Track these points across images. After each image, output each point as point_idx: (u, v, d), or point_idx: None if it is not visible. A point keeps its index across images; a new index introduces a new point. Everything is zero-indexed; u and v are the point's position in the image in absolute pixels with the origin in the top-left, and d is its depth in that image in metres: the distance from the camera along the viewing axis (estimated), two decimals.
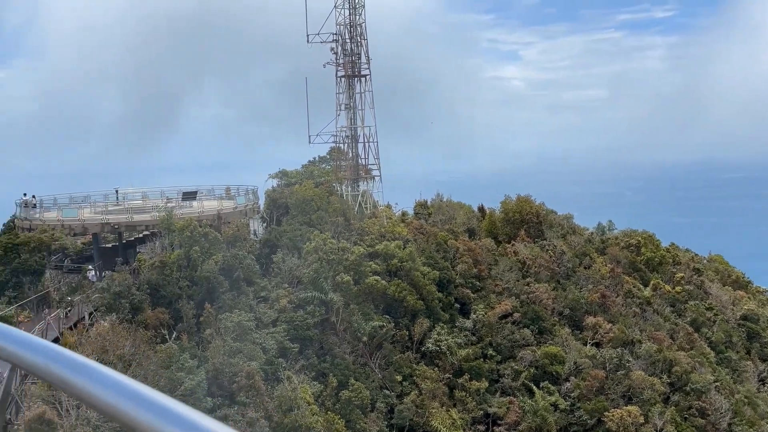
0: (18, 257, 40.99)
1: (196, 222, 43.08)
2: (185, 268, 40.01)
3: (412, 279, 48.61)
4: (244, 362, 31.28)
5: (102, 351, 23.56)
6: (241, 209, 52.44)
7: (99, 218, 47.78)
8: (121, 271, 38.32)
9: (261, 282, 44.31)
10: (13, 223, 53.64)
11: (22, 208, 51.07)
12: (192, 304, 37.09)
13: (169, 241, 43.81)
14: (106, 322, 36.04)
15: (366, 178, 63.64)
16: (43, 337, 31.84)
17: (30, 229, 48.22)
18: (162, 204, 51.54)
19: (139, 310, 34.62)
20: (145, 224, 47.93)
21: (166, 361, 26.39)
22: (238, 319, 34.59)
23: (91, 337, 26.46)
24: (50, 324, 32.70)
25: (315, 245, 45.68)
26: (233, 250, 44.30)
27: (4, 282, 40.23)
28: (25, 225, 49.46)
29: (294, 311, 41.90)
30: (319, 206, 53.06)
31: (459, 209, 67.67)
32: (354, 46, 60.43)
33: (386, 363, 44.07)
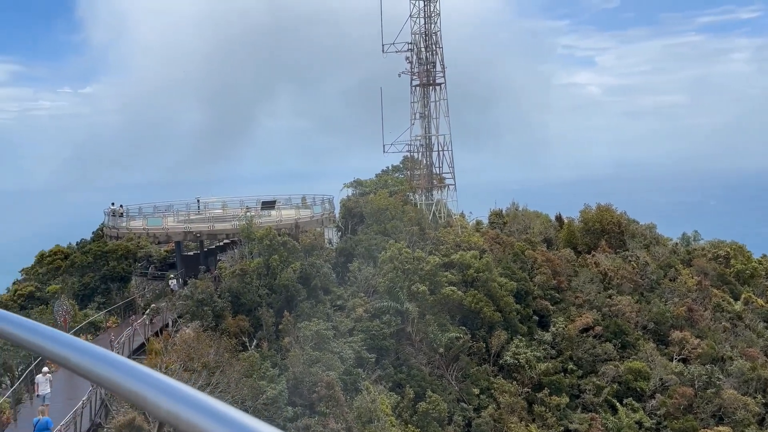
0: (107, 264, 42.66)
1: (275, 231, 43.66)
2: (264, 276, 40.56)
3: (488, 290, 47.66)
4: (323, 372, 31.26)
5: (188, 359, 24.00)
6: (317, 218, 52.91)
7: (182, 227, 49.23)
8: (203, 278, 39.22)
9: (337, 291, 44.46)
10: (102, 232, 56.06)
11: (110, 217, 53.27)
12: (271, 312, 37.51)
13: (249, 250, 44.58)
14: (189, 329, 36.95)
15: (439, 187, 63.12)
16: (130, 342, 32.92)
17: (117, 238, 50.22)
18: (241, 213, 52.70)
19: (221, 317, 35.27)
20: (225, 233, 49.04)
21: (249, 370, 26.66)
22: (316, 328, 34.69)
23: (176, 344, 27.05)
24: (137, 330, 33.77)
25: (390, 254, 45.47)
26: (310, 258, 44.63)
27: (94, 288, 41.92)
28: (113, 233, 51.55)
29: (370, 321, 41.77)
30: (394, 215, 52.90)
31: (535, 218, 66.15)
32: (429, 54, 60.18)
33: (463, 375, 43.27)
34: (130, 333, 32.81)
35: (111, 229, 52.01)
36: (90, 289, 41.70)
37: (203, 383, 22.97)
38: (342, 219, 57.32)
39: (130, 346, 32.34)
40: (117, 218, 52.63)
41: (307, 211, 53.43)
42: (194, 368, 23.79)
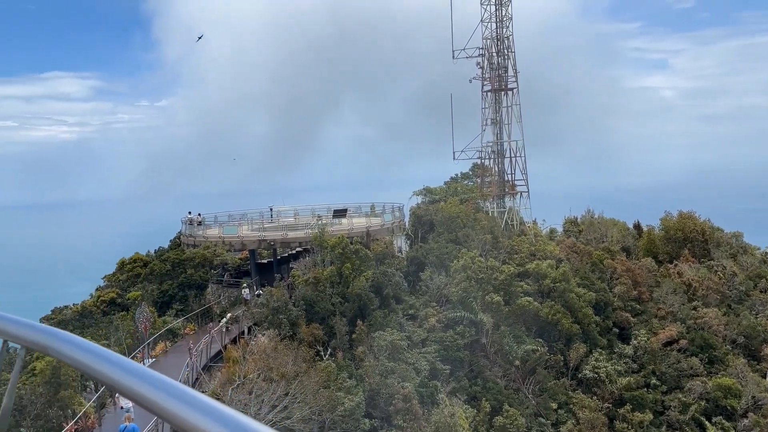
0: (184, 272, 43.56)
1: (347, 239, 43.54)
2: (337, 284, 40.43)
3: (566, 301, 46.04)
4: (398, 383, 30.71)
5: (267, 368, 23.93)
6: (387, 226, 52.59)
7: (256, 235, 49.90)
8: (278, 287, 39.43)
9: (409, 300, 43.88)
10: (179, 240, 57.50)
11: (187, 225, 54.57)
12: (344, 321, 37.27)
13: (321, 258, 44.63)
14: (264, 337, 37.17)
15: (511, 195, 61.72)
16: (208, 350, 33.30)
17: (194, 245, 51.32)
18: (313, 221, 53.00)
19: (296, 325, 35.28)
20: (298, 241, 49.35)
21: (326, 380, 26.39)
22: (390, 338, 34.19)
23: (254, 352, 27.09)
24: (214, 337, 34.19)
25: (463, 263, 44.56)
26: (382, 267, 44.28)
27: (172, 295, 42.86)
28: (190, 241, 52.74)
29: (443, 331, 40.97)
30: (465, 223, 51.95)
31: (612, 226, 63.74)
32: (501, 59, 59.05)
33: (540, 389, 41.82)
34: (208, 340, 33.21)
35: (188, 237, 53.24)
36: (168, 296, 42.65)
37: (281, 393, 22.85)
38: (412, 227, 56.79)
39: (207, 354, 32.73)
40: (194, 227, 53.84)
41: (377, 219, 53.20)
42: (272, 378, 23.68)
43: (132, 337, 35.66)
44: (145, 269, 56.37)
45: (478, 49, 59.60)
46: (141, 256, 60.29)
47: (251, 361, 24.65)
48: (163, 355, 33.61)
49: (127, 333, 35.70)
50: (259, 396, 22.60)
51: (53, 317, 55.95)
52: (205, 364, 32.00)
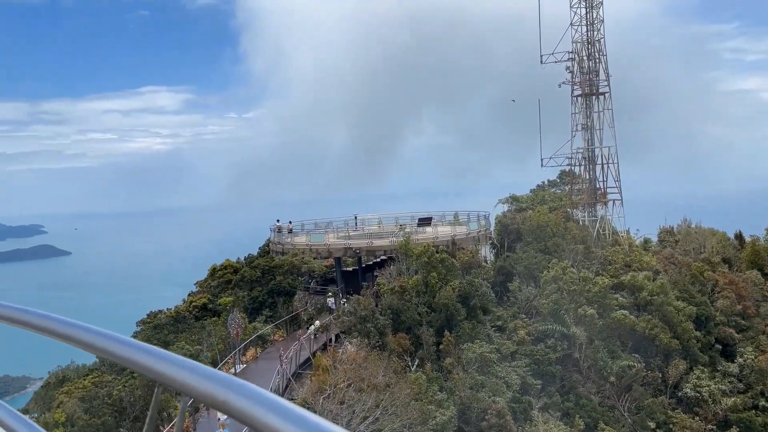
0: (273, 279, 44.25)
1: (433, 248, 42.99)
2: (423, 293, 39.93)
3: (664, 315, 43.64)
4: (490, 397, 29.82)
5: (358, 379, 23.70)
6: (473, 235, 51.64)
7: (342, 243, 50.15)
8: (366, 295, 39.35)
9: (497, 311, 42.80)
10: (268, 247, 58.69)
11: (276, 233, 55.60)
12: (431, 331, 36.71)
13: (406, 266, 44.28)
14: (351, 346, 37.12)
15: (603, 203, 59.38)
16: (297, 357, 33.50)
17: (282, 253, 52.18)
18: (397, 229, 52.78)
19: (383, 334, 35.01)
20: (383, 249, 49.19)
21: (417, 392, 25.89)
22: (480, 351, 33.33)
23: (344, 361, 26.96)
24: (303, 344, 34.42)
25: (554, 274, 43.08)
26: (468, 276, 43.45)
27: (262, 302, 43.62)
28: (278, 249, 53.68)
29: (533, 344, 39.67)
30: (555, 233, 50.31)
31: (710, 236, 60.17)
32: (592, 63, 57.06)
33: (637, 407, 39.71)
34: (297, 348, 33.45)
35: (276, 244, 54.22)
36: (258, 302, 43.43)
37: (372, 404, 22.56)
38: (498, 236, 55.58)
39: (297, 361, 32.96)
40: (282, 234, 54.80)
41: (462, 228, 52.33)
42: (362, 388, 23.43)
43: (223, 343, 36.44)
44: (236, 276, 57.90)
45: (567, 53, 57.91)
46: (231, 262, 61.93)
47: (341, 371, 24.51)
48: (253, 361, 34.13)
49: (219, 338, 36.50)
50: (350, 406, 22.39)
51: (149, 321, 58.31)
52: (294, 371, 32.23)
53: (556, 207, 57.90)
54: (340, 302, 46.08)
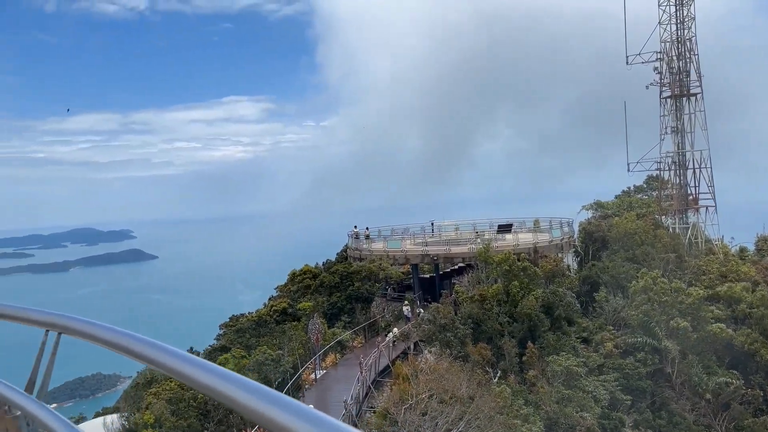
0: (352, 285, 44.21)
1: (514, 255, 41.80)
2: (504, 302, 38.84)
3: (764, 328, 40.69)
4: (578, 413, 28.48)
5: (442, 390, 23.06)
6: (556, 242, 49.97)
7: (419, 249, 49.65)
8: (445, 303, 38.66)
9: (582, 322, 41.12)
10: (345, 253, 58.92)
11: (353, 239, 55.72)
12: (513, 342, 35.59)
13: (486, 274, 43.28)
14: (430, 354, 36.50)
15: (695, 209, 56.28)
16: (376, 364, 33.16)
17: (360, 259, 52.19)
18: (474, 236, 51.78)
19: (463, 344, 34.21)
20: (461, 256, 48.34)
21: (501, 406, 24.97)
22: (566, 363, 31.97)
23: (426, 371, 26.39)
24: (382, 352, 34.08)
25: (644, 285, 40.99)
26: (552, 286, 42.00)
27: (341, 307, 43.66)
28: (356, 255, 53.74)
29: (622, 357, 37.80)
30: (644, 240, 48.02)
31: None
32: (682, 63, 54.28)
33: (736, 427, 37.10)
34: (376, 355, 33.13)
35: (354, 250, 54.31)
36: (337, 308, 43.49)
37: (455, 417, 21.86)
38: (582, 243, 53.60)
39: (376, 368, 32.63)
40: (359, 240, 54.86)
41: (545, 235, 50.74)
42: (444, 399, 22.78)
43: (304, 347, 36.59)
44: (314, 281, 58.44)
45: (655, 53, 55.34)
46: (310, 267, 62.58)
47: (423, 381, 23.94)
48: (332, 367, 34.07)
49: (299, 343, 36.68)
50: (433, 418, 21.78)
51: (232, 324, 59.66)
52: (373, 379, 31.91)
53: (644, 214, 55.31)
54: (417, 310, 45.55)
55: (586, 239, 53.01)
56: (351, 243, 56.44)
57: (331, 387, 31.58)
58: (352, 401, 26.08)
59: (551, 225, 52.98)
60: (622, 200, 65.59)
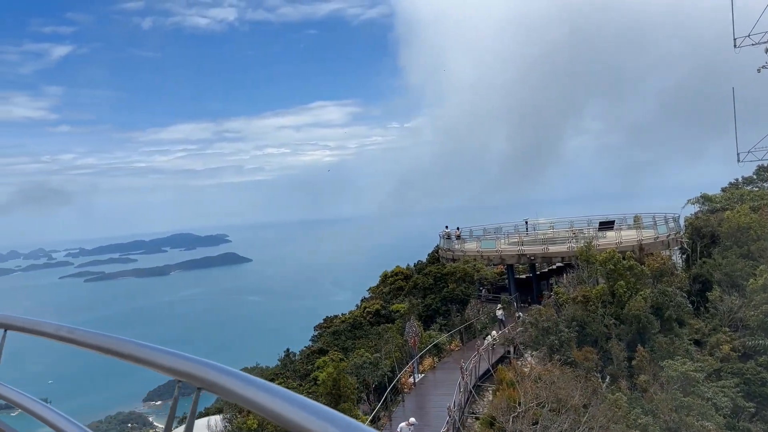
0: (446, 286, 43.38)
1: (619, 254, 39.66)
2: (609, 304, 36.88)
3: None
4: (698, 422, 26.43)
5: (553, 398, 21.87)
6: (662, 239, 47.20)
7: (515, 249, 48.16)
8: (547, 305, 37.18)
9: (695, 323, 38.51)
10: (437, 253, 58.14)
11: (445, 239, 54.87)
12: (622, 345, 33.67)
13: (588, 274, 41.34)
14: (532, 358, 35.14)
15: None
16: (476, 369, 32.20)
17: (453, 259, 51.26)
18: (573, 234, 49.71)
19: (567, 348, 32.65)
20: (560, 255, 46.50)
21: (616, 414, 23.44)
22: (683, 368, 29.82)
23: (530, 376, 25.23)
24: (482, 356, 33.05)
25: (763, 282, 37.89)
26: (660, 285, 39.56)
27: (436, 309, 42.92)
28: (448, 255, 52.86)
29: (741, 361, 35.03)
30: (760, 235, 44.50)
31: None
32: None
33: None
34: (476, 359, 32.16)
35: (446, 251, 53.46)
36: (432, 310, 42.77)
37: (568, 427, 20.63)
38: (689, 240, 50.40)
39: (476, 373, 31.67)
40: (451, 240, 53.95)
41: (649, 232, 48.00)
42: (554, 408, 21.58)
43: (400, 350, 36.12)
44: (406, 282, 57.96)
45: None
46: (401, 269, 62.21)
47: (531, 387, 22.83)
48: (431, 371, 33.40)
49: (395, 346, 36.25)
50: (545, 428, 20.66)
51: (326, 326, 60.20)
52: (474, 384, 30.97)
53: (758, 206, 51.37)
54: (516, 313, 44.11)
55: (694, 235, 49.81)
56: (442, 243, 55.62)
57: (430, 391, 30.91)
58: (455, 407, 25.28)
59: (655, 221, 50.09)
60: (731, 193, 61.30)
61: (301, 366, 36.56)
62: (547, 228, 57.14)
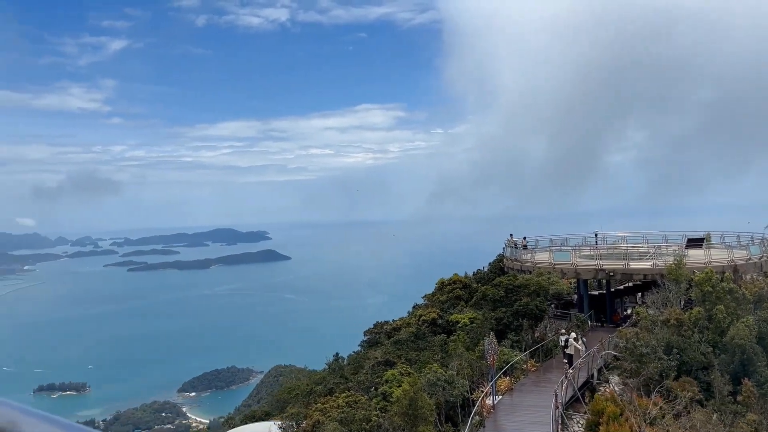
0: (518, 299, 40.16)
1: (717, 275, 35.93)
2: (706, 330, 33.23)
3: None
4: None
5: None
6: (754, 261, 43.11)
7: (592, 263, 44.62)
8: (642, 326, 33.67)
9: None
10: (501, 263, 54.85)
11: (512, 248, 51.61)
12: (726, 378, 30.06)
13: (676, 295, 37.70)
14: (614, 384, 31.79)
15: None
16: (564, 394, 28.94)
17: (521, 270, 47.97)
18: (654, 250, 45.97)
19: (664, 377, 29.21)
20: (642, 272, 42.82)
21: None
22: None
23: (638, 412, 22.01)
24: (570, 381, 29.82)
25: None
26: (761, 311, 35.68)
27: (507, 324, 39.73)
28: (515, 266, 49.56)
29: None
30: None
31: None
32: None
33: None
34: (565, 384, 28.95)
35: (513, 261, 50.21)
36: (503, 324, 39.60)
37: None
38: None
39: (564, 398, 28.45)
40: (518, 250, 50.69)
41: (741, 252, 43.95)
42: None
43: (471, 367, 33.08)
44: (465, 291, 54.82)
45: None
46: (459, 277, 59.04)
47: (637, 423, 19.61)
48: (508, 393, 30.30)
49: (466, 362, 33.19)
50: None
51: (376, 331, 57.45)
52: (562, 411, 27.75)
53: None
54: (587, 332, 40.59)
55: None
56: (508, 253, 52.37)
57: (509, 417, 27.82)
58: None
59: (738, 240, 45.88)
60: None
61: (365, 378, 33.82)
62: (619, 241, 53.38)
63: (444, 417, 29.27)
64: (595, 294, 48.72)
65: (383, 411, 26.68)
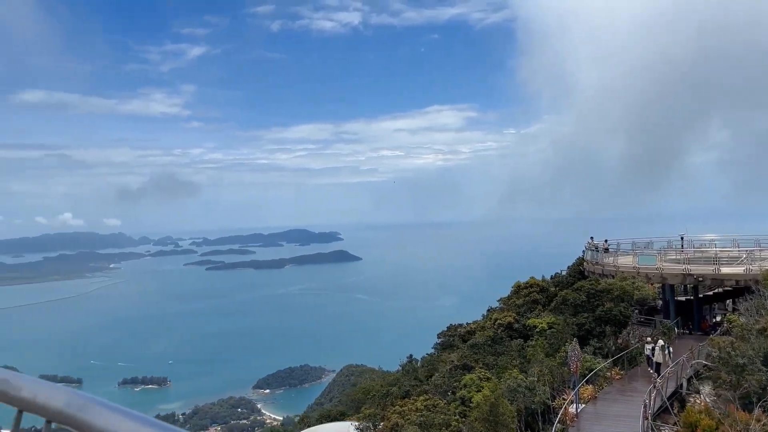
0: (601, 305, 38.76)
1: None
2: None
3: None
4: None
5: None
6: None
7: (679, 268, 42.58)
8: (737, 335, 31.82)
9: None
10: (581, 266, 53.25)
11: (593, 252, 49.99)
12: None
13: None
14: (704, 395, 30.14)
15: None
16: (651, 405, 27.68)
17: (602, 274, 46.38)
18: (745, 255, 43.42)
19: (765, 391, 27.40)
20: (735, 278, 40.52)
21: None
22: None
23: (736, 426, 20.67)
24: (659, 390, 28.48)
25: None
26: None
27: (589, 330, 38.40)
28: (596, 270, 47.97)
29: None
30: None
31: None
32: None
33: None
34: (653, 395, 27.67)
35: (594, 264, 48.62)
36: (584, 330, 38.30)
37: None
38: None
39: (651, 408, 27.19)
40: (600, 253, 49.01)
41: None
42: None
43: (551, 374, 32.13)
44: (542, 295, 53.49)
45: None
46: (536, 281, 57.69)
47: None
48: (591, 402, 29.22)
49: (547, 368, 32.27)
50: None
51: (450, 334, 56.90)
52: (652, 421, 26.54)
53: None
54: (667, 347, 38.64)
55: None
56: (588, 256, 50.74)
57: (593, 426, 26.81)
58: None
59: None
60: None
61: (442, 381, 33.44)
62: (707, 245, 50.81)
63: (524, 424, 28.55)
64: (682, 300, 46.49)
65: (462, 416, 26.23)
